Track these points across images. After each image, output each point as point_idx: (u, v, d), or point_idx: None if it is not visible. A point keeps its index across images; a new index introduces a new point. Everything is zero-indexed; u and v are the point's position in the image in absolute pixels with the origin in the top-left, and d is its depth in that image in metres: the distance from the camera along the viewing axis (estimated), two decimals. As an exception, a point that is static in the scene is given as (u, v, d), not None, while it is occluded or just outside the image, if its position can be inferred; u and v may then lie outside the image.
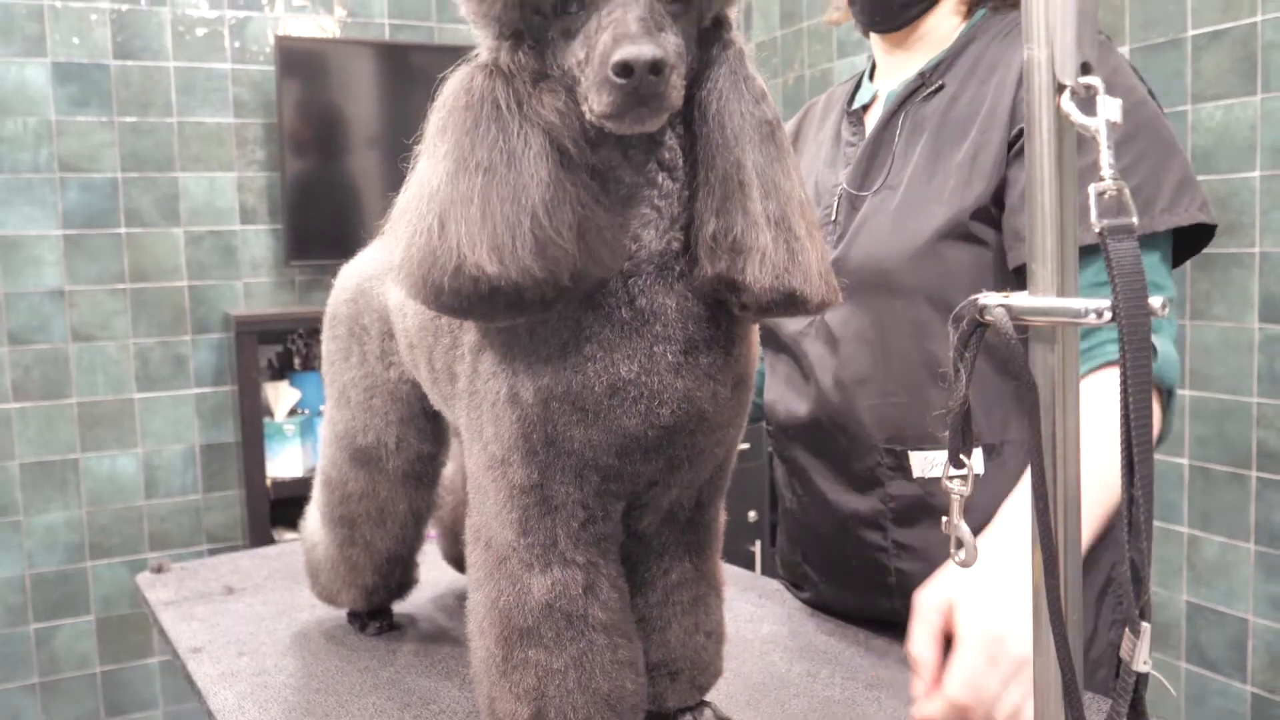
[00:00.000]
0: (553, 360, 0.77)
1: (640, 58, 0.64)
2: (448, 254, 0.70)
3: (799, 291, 0.74)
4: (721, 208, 0.74)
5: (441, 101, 0.76)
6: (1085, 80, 0.58)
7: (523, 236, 0.69)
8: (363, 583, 1.21)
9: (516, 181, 0.70)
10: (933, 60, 1.16)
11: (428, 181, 0.73)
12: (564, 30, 0.71)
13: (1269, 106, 1.94)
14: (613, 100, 0.66)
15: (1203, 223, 0.99)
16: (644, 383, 0.76)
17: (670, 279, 0.76)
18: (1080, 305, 0.58)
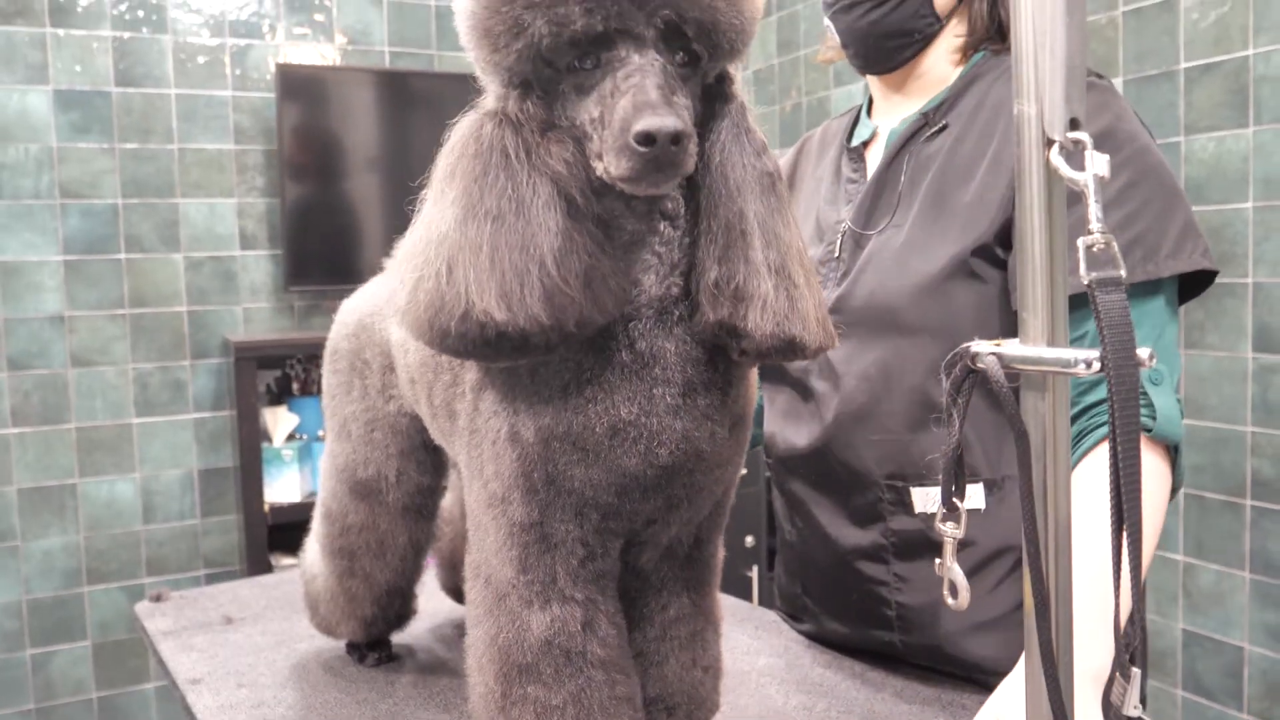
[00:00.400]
0: (554, 401, 0.78)
1: (663, 129, 0.66)
2: (456, 299, 0.71)
3: (798, 338, 0.76)
4: (724, 256, 0.76)
5: (450, 147, 0.77)
6: (1074, 135, 0.60)
7: (531, 285, 0.70)
8: (362, 614, 1.22)
9: (525, 230, 0.71)
10: (935, 100, 1.18)
11: (436, 226, 0.74)
12: (577, 85, 0.73)
13: (1261, 139, 1.96)
14: (632, 166, 0.67)
15: (1205, 268, 1.01)
16: (643, 424, 0.77)
17: (670, 323, 0.78)
18: (1070, 355, 0.59)
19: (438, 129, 2.84)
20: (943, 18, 1.15)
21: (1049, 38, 0.59)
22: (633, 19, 0.69)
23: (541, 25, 0.69)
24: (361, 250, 2.89)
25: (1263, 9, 1.95)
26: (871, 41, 1.16)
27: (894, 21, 1.14)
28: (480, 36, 0.73)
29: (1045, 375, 0.61)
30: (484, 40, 0.73)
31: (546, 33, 0.69)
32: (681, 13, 0.70)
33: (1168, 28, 2.11)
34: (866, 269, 1.13)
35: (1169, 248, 0.98)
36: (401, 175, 2.90)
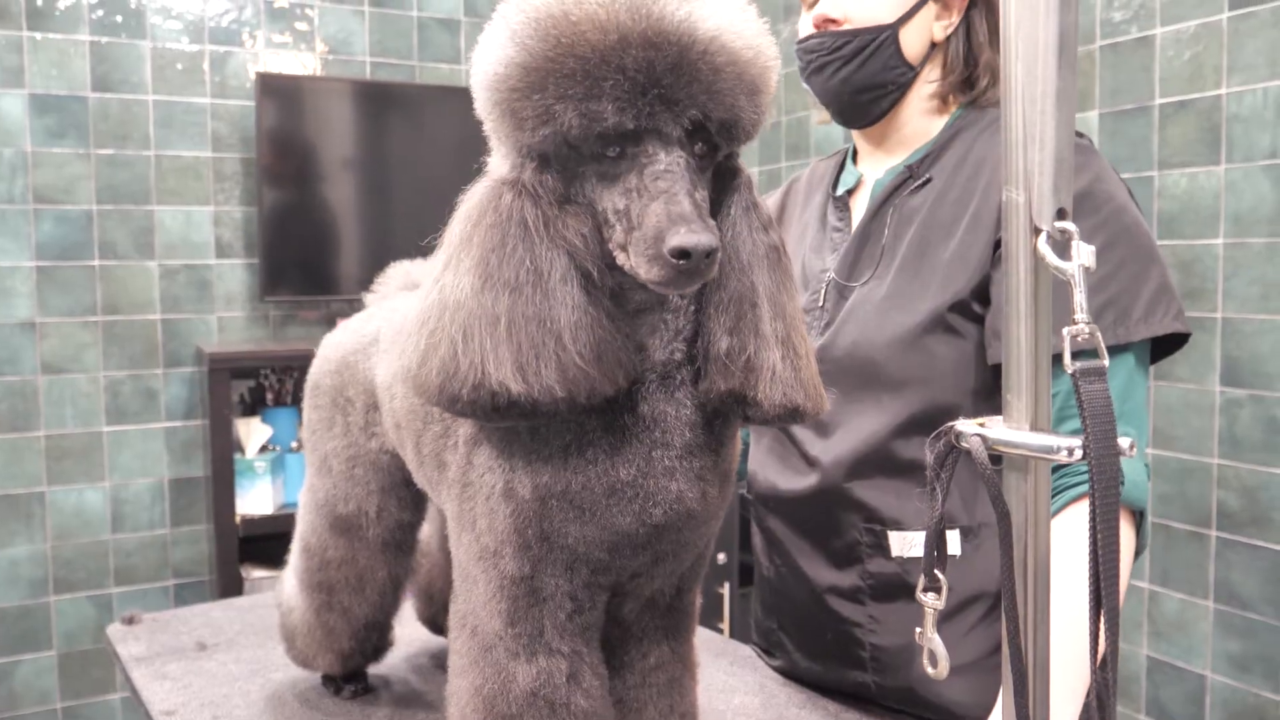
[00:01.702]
0: (553, 460, 0.79)
1: (699, 247, 0.67)
2: (470, 368, 0.72)
3: (801, 406, 0.79)
4: (735, 327, 0.78)
5: (466, 213, 0.77)
6: (1061, 225, 0.61)
7: (547, 358, 0.71)
8: (339, 648, 1.22)
9: (542, 302, 0.72)
10: (919, 152, 1.19)
11: (451, 293, 0.74)
12: (600, 173, 0.73)
13: (1232, 177, 2.00)
14: (665, 275, 0.69)
15: (1177, 331, 1.02)
16: (640, 485, 0.79)
17: (672, 387, 0.80)
18: (1053, 442, 0.61)
19: (417, 140, 2.88)
20: (915, 65, 1.17)
21: (1039, 129, 0.61)
22: (662, 119, 0.70)
23: (572, 117, 0.69)
24: (338, 261, 2.88)
25: (1236, 50, 1.98)
26: (846, 98, 1.18)
27: (865, 76, 1.15)
28: (505, 115, 0.73)
29: (1028, 459, 0.62)
30: (508, 119, 0.73)
31: (576, 125, 0.70)
32: (708, 113, 0.71)
33: (1144, 64, 2.14)
34: (849, 320, 1.14)
35: (1141, 311, 1.00)
36: (380, 187, 2.89)
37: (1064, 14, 0.60)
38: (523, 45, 0.70)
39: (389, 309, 1.11)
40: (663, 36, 0.69)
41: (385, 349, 1.05)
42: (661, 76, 0.69)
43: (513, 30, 0.72)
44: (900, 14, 1.15)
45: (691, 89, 0.70)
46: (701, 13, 0.71)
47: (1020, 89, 0.61)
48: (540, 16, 0.71)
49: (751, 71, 0.73)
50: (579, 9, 0.70)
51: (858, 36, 1.14)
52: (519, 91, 0.71)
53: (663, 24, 0.70)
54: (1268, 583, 1.97)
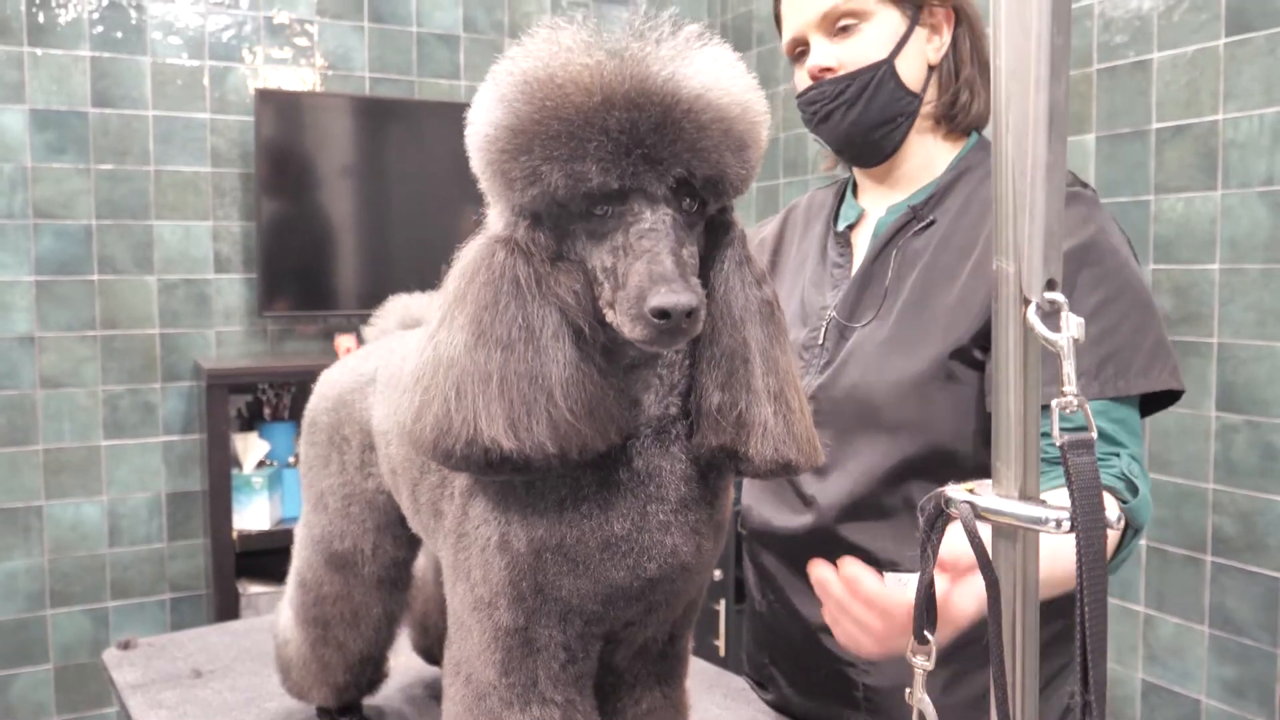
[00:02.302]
0: (548, 514, 0.79)
1: (678, 307, 0.67)
2: (463, 425, 0.72)
3: (794, 461, 0.80)
4: (727, 383, 0.78)
5: (461, 270, 0.77)
6: (1050, 296, 0.61)
7: (539, 415, 0.72)
8: (334, 681, 1.22)
9: (534, 360, 0.73)
10: (923, 193, 1.19)
11: (445, 350, 0.75)
12: (589, 231, 0.74)
13: (1229, 202, 2.01)
14: (647, 334, 0.69)
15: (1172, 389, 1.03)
16: (635, 539, 0.80)
17: (666, 442, 0.80)
18: (1041, 513, 0.61)
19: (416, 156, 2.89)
20: (918, 91, 1.17)
21: (1029, 201, 0.61)
22: (646, 178, 0.71)
23: (558, 178, 0.70)
24: (337, 276, 2.88)
25: (1233, 76, 1.99)
26: (859, 139, 1.18)
27: (874, 113, 1.15)
28: (495, 175, 0.74)
29: (1016, 528, 0.63)
30: (499, 179, 0.74)
31: (562, 185, 0.70)
32: (693, 170, 0.72)
33: (1141, 88, 2.15)
34: (849, 361, 1.15)
35: (1140, 365, 1.01)
36: (379, 202, 2.89)
37: (1054, 88, 0.60)
38: (510, 108, 0.71)
39: (385, 349, 1.11)
40: (646, 96, 0.70)
41: (382, 390, 1.06)
42: (645, 136, 0.70)
43: (501, 93, 0.72)
44: (892, 47, 1.15)
45: (675, 147, 0.70)
46: (686, 71, 0.72)
47: (1010, 162, 0.61)
48: (527, 79, 0.71)
49: (739, 127, 0.73)
50: (564, 71, 0.71)
51: (856, 79, 1.15)
52: (507, 153, 0.72)
53: (646, 84, 0.70)
54: (1262, 608, 1.98)
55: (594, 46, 0.73)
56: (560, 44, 0.73)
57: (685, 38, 0.74)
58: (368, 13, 2.96)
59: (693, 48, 0.74)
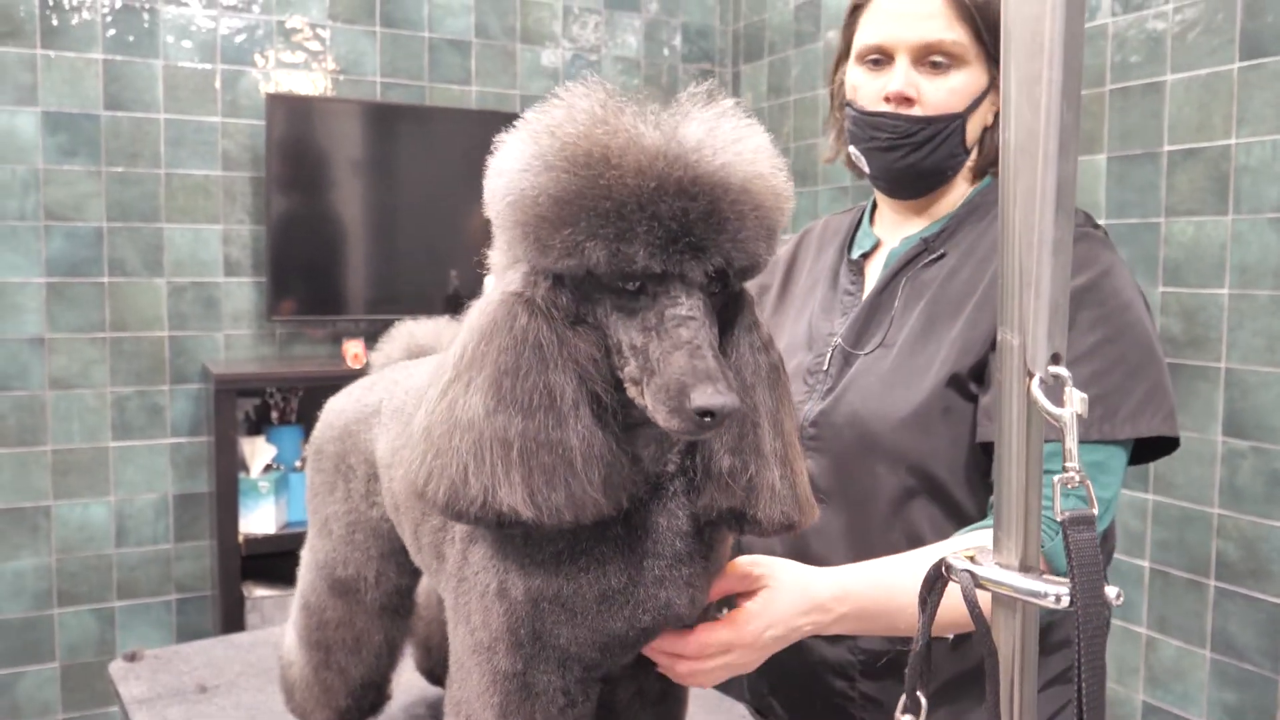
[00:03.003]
0: (545, 565, 0.80)
1: (725, 409, 0.67)
2: (481, 491, 0.72)
3: (797, 522, 0.82)
4: (737, 446, 0.79)
5: (480, 329, 0.76)
6: (1054, 370, 0.62)
7: (558, 485, 0.72)
8: (336, 705, 1.23)
9: (555, 429, 0.72)
10: (936, 225, 1.19)
11: (463, 412, 0.74)
12: (619, 305, 0.73)
13: (1239, 227, 2.00)
14: (684, 427, 0.69)
15: (1164, 434, 1.03)
16: (631, 592, 0.80)
17: (664, 498, 0.81)
18: (1041, 588, 0.61)
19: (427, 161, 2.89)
20: (970, 149, 1.17)
21: (1034, 276, 0.61)
22: (689, 265, 0.71)
23: (601, 255, 0.69)
24: (345, 281, 2.89)
25: (1246, 101, 1.98)
26: (906, 180, 1.18)
27: (932, 163, 1.15)
28: (527, 238, 0.72)
29: (1016, 600, 0.63)
30: (531, 242, 0.72)
31: (604, 263, 0.70)
32: (731, 261, 0.72)
33: (1153, 110, 2.14)
34: (850, 389, 1.15)
35: (1129, 410, 1.00)
36: (388, 208, 2.90)
37: (1063, 164, 0.60)
38: (557, 175, 0.70)
39: (390, 380, 1.12)
40: (698, 186, 0.70)
41: (386, 422, 1.06)
42: (694, 225, 0.70)
43: (545, 156, 0.71)
44: (969, 103, 1.14)
45: (719, 238, 0.71)
46: (735, 162, 0.72)
47: (1018, 237, 0.61)
48: (579, 151, 0.70)
49: (773, 217, 0.74)
50: (619, 152, 0.70)
51: (931, 124, 1.13)
52: (549, 222, 0.70)
53: (698, 172, 0.70)
54: (1265, 635, 1.98)
55: (643, 120, 0.73)
56: (607, 113, 0.73)
57: (724, 115, 0.74)
58: (379, 18, 2.96)
59: (735, 129, 0.74)
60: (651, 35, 3.36)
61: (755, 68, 3.40)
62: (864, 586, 0.94)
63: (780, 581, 0.90)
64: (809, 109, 3.17)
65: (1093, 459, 1.01)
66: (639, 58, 3.35)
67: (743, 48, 3.45)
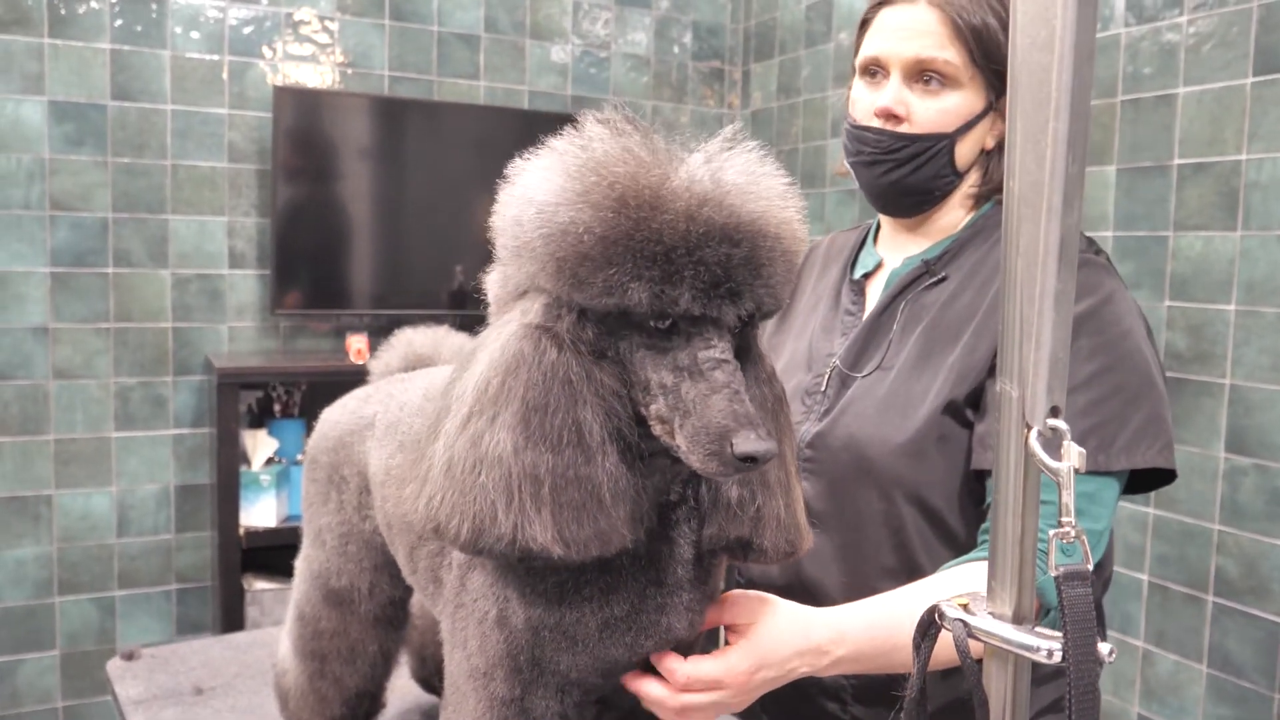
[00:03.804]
0: (548, 595, 0.80)
1: (766, 455, 0.68)
2: (510, 527, 0.71)
3: (798, 548, 0.84)
4: (744, 478, 0.80)
5: (504, 363, 0.74)
6: (1053, 423, 0.61)
7: (586, 522, 0.72)
8: (331, 714, 1.23)
9: (584, 466, 0.72)
10: (938, 248, 1.19)
11: (489, 449, 0.73)
12: (648, 344, 0.73)
13: (1248, 244, 1.99)
14: (721, 470, 0.69)
15: (1160, 467, 1.02)
16: (633, 620, 0.81)
17: (667, 527, 0.81)
18: (1034, 642, 0.61)
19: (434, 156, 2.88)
20: (962, 172, 1.16)
21: (1035, 328, 0.61)
22: (726, 309, 0.72)
23: (644, 297, 0.69)
24: (349, 276, 2.89)
25: (1259, 116, 1.97)
26: (891, 197, 1.17)
27: (916, 181, 1.14)
28: (563, 273, 0.71)
29: (1008, 653, 0.63)
30: (568, 279, 0.71)
31: (647, 304, 0.70)
32: (761, 305, 0.74)
33: (1165, 122, 2.13)
34: (847, 412, 1.14)
35: (1124, 441, 1.00)
36: (395, 202, 2.89)
37: (1066, 216, 0.60)
38: (602, 216, 0.70)
39: (385, 394, 1.12)
40: (740, 232, 0.71)
41: (380, 437, 1.06)
42: (734, 271, 0.71)
43: (590, 194, 0.70)
44: (960, 125, 1.13)
45: (754, 284, 0.72)
46: (769, 208, 0.73)
47: (1020, 288, 0.61)
48: (625, 192, 0.70)
49: (797, 261, 0.76)
50: (670, 196, 0.70)
51: (916, 142, 1.13)
52: (591, 260, 0.70)
53: (739, 219, 0.71)
54: (1262, 652, 1.97)
55: (687, 163, 0.73)
56: (654, 154, 0.73)
57: (754, 159, 0.75)
58: (388, 11, 2.95)
59: (765, 174, 0.75)
60: (662, 32, 3.34)
61: (765, 67, 3.38)
62: (860, 628, 0.93)
63: (776, 621, 0.89)
64: (818, 110, 3.16)
65: (1085, 489, 1.00)
66: (649, 55, 3.33)
67: (753, 46, 3.43)
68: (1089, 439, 1.00)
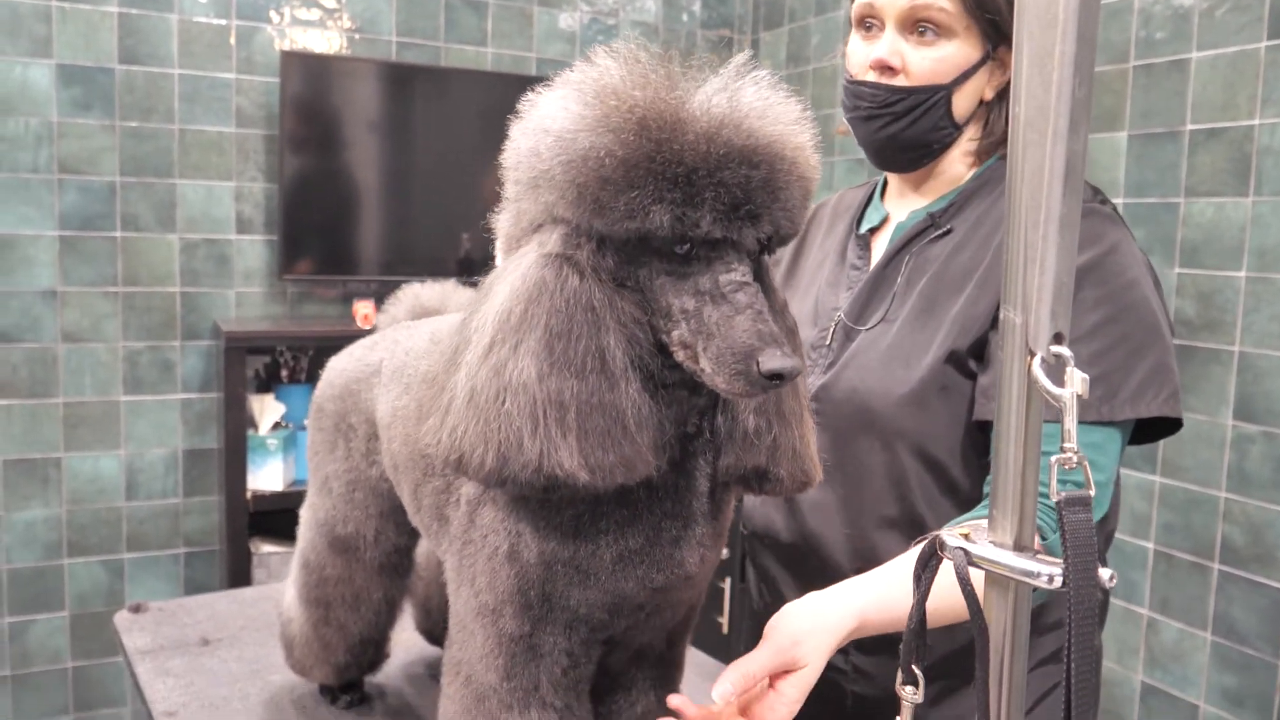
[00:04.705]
0: (563, 528, 0.80)
1: (793, 371, 0.69)
2: (536, 454, 0.72)
3: (812, 480, 0.85)
4: (761, 407, 0.81)
5: (525, 291, 0.74)
6: (1056, 350, 0.61)
7: (611, 448, 0.73)
8: (335, 661, 1.24)
9: (608, 392, 0.73)
10: (943, 201, 1.18)
11: (513, 376, 0.73)
12: (669, 269, 0.73)
13: (1260, 210, 1.97)
14: (748, 389, 0.70)
15: (1167, 415, 1.01)
16: (647, 552, 0.81)
17: (684, 459, 0.81)
18: (1035, 567, 0.61)
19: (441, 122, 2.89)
20: (961, 124, 1.15)
21: (1040, 254, 0.60)
22: (745, 232, 0.72)
23: (666, 220, 0.70)
24: (357, 241, 2.88)
25: (1273, 81, 1.95)
26: (889, 152, 1.16)
27: (912, 135, 1.13)
28: (584, 199, 0.71)
29: (1009, 579, 0.63)
30: (589, 205, 0.72)
31: (668, 228, 0.70)
32: (779, 229, 0.74)
33: (1177, 88, 2.11)
34: (850, 365, 1.14)
35: (1129, 391, 0.99)
36: (402, 168, 2.88)
37: (1072, 141, 0.59)
38: (623, 139, 0.70)
39: (391, 340, 1.12)
40: (759, 155, 0.71)
41: (386, 382, 1.06)
42: (754, 194, 0.71)
43: (609, 118, 0.71)
44: (957, 75, 1.12)
45: (773, 207, 0.72)
46: (785, 132, 0.74)
47: (1025, 213, 0.60)
48: (645, 115, 0.70)
49: (812, 186, 0.76)
50: (690, 118, 0.71)
51: (912, 95, 1.12)
52: (613, 184, 0.70)
53: (758, 141, 0.71)
54: (1267, 620, 1.97)
55: (705, 85, 0.73)
56: (671, 78, 0.73)
57: (767, 84, 0.76)
58: (397, -24, 2.93)
59: (780, 98, 0.76)
60: (671, 0, 3.32)
61: (775, 35, 3.36)
62: (876, 610, 0.95)
63: (813, 662, 0.91)
64: (828, 78, 3.14)
65: (1090, 440, 1.00)
66: (657, 23, 3.31)
67: (763, 14, 3.41)
68: (1094, 389, 0.99)
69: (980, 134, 1.17)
